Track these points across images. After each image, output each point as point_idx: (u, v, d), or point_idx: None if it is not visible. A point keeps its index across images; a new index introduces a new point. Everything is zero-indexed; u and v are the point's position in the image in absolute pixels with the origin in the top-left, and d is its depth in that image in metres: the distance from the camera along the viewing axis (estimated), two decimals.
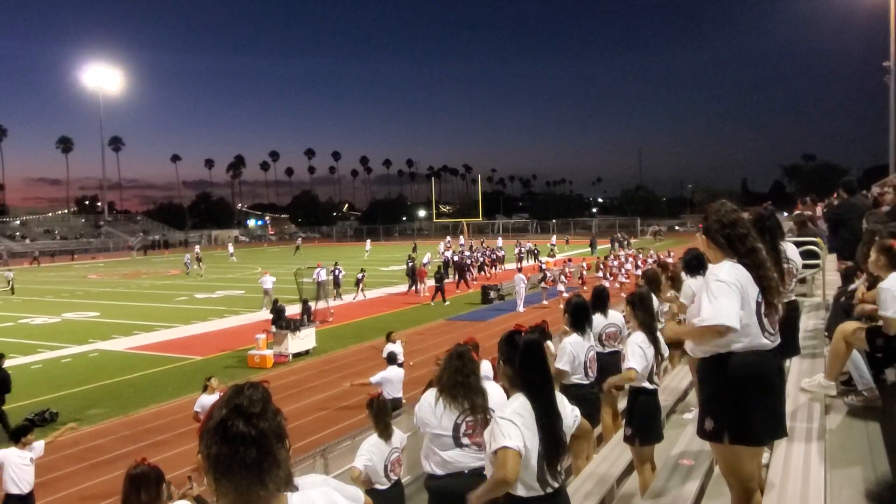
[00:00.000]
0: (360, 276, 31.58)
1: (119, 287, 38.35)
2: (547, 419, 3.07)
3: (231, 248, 58.75)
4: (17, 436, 8.15)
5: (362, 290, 31.17)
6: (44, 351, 20.34)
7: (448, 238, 57.44)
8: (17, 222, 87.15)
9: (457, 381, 4.06)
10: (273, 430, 1.69)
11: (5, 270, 43.09)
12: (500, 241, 50.21)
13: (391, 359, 12.16)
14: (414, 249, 46.06)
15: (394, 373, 11.75)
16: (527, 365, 3.11)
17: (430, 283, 31.51)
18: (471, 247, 46.60)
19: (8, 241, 75.65)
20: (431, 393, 4.49)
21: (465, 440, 3.99)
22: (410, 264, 33.26)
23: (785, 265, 4.73)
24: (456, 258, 36.82)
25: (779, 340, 3.40)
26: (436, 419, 4.41)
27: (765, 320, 3.30)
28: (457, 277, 34.14)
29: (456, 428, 4.25)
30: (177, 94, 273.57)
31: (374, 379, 11.66)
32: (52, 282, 42.64)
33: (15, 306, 30.78)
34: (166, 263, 57.07)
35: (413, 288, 31.78)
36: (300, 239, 74.26)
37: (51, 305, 30.67)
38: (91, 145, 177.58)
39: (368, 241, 64.92)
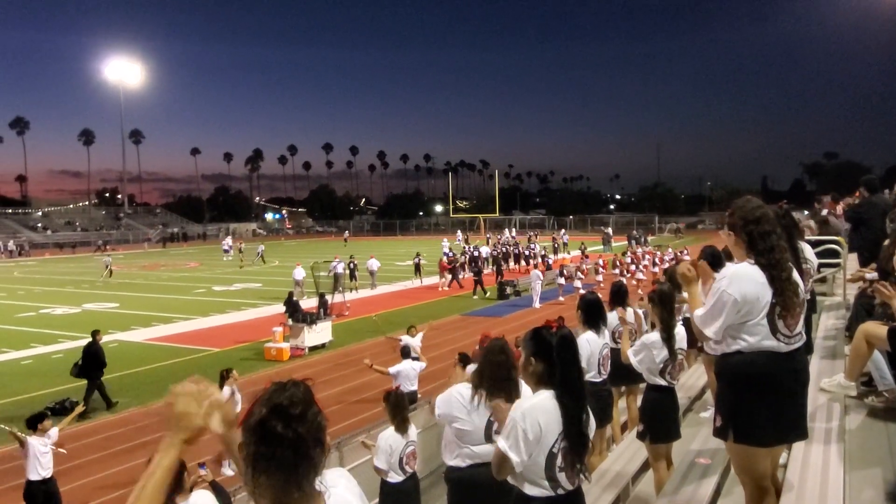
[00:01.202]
0: (417, 260, 34.22)
1: (138, 279, 38.72)
2: (576, 416, 3.03)
3: (227, 244, 56.31)
4: (35, 423, 8.29)
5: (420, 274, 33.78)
6: (64, 341, 20.58)
7: (514, 231, 59.90)
8: (39, 214, 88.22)
9: (500, 375, 3.99)
10: (311, 434, 1.69)
11: (104, 256, 45.74)
12: (563, 233, 51.41)
13: (405, 352, 12.24)
14: (466, 242, 47.16)
15: (408, 366, 11.82)
16: (564, 359, 3.06)
17: (446, 276, 32.00)
18: (497, 241, 47.50)
19: (30, 233, 76.67)
20: (466, 388, 4.45)
21: (497, 436, 3.98)
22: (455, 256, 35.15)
23: (804, 265, 4.67)
24: (494, 252, 38.07)
25: (799, 343, 3.35)
26: (468, 415, 4.39)
27: (778, 322, 3.25)
28: (495, 269, 34.68)
29: (489, 425, 4.23)
30: (196, 88, 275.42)
31: (392, 369, 11.81)
32: (73, 273, 43.14)
33: (37, 296, 31.18)
34: (185, 256, 57.50)
35: (454, 280, 32.13)
36: (347, 232, 78.36)
37: (71, 296, 31.04)
38: (112, 138, 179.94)
39: (459, 231, 67.93)
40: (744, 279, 3.26)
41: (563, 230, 61.75)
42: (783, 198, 5.13)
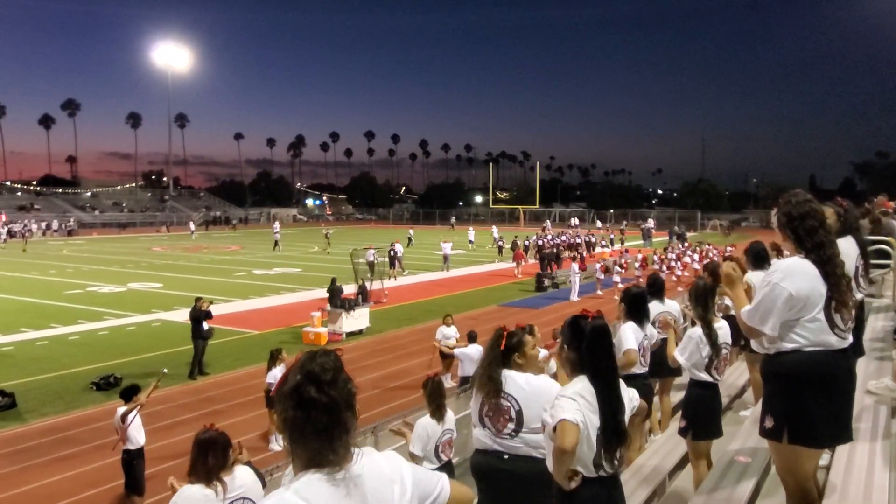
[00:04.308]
0: (500, 243, 41.88)
1: (181, 260, 39.50)
2: (609, 404, 3.09)
3: (277, 228, 57.55)
4: (130, 394, 8.48)
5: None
6: (110, 318, 21.13)
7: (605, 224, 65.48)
8: (88, 194, 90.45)
9: (485, 362, 4.11)
10: (343, 398, 1.78)
11: (274, 232, 49.02)
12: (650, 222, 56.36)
13: (471, 337, 12.74)
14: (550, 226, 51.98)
15: (474, 350, 12.20)
16: (594, 350, 3.12)
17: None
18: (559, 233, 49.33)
19: (79, 212, 78.71)
20: None
21: (487, 421, 4.01)
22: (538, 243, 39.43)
23: (861, 261, 4.50)
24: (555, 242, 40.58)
25: (850, 339, 3.28)
26: (474, 399, 4.47)
27: (835, 316, 3.18)
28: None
29: (481, 407, 4.27)
30: (240, 73, 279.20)
31: (457, 351, 12.54)
32: (119, 252, 44.21)
33: (84, 274, 32.03)
34: (227, 239, 58.49)
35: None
36: (454, 217, 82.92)
37: (117, 275, 31.81)
38: (159, 121, 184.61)
39: (548, 221, 73.21)
40: (798, 273, 3.18)
41: (650, 219, 62.64)
42: (832, 196, 4.92)
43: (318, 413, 1.72)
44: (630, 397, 3.36)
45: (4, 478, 9.81)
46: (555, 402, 3.09)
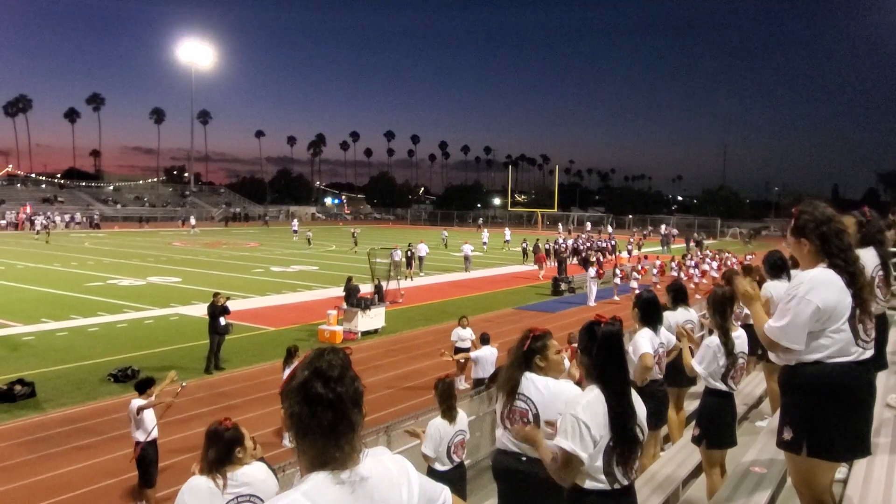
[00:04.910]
0: (524, 245, 40.83)
1: (200, 255, 39.80)
2: (620, 412, 3.04)
3: (296, 226, 57.08)
4: (145, 387, 8.56)
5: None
6: (129, 311, 21.34)
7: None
8: (111, 188, 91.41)
9: (508, 363, 4.13)
10: (349, 396, 1.78)
11: (306, 230, 50.08)
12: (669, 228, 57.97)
13: (484, 339, 12.80)
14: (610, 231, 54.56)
15: (487, 352, 12.34)
16: (603, 356, 3.09)
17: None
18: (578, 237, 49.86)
19: (101, 206, 79.56)
20: None
21: (507, 422, 4.02)
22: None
23: (880, 273, 4.43)
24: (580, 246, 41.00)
25: (872, 350, 3.23)
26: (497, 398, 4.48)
27: (858, 326, 3.13)
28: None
29: (503, 407, 4.28)
30: (262, 72, 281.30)
31: (473, 354, 12.66)
32: (140, 246, 44.64)
33: (105, 267, 32.37)
34: (246, 236, 58.86)
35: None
36: (481, 219, 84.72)
37: (137, 268, 32.13)
38: (182, 117, 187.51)
39: (560, 224, 75.09)
40: (824, 285, 3.11)
41: (662, 226, 62.36)
42: (855, 206, 4.83)
43: (324, 409, 1.72)
44: (644, 412, 3.30)
45: (23, 465, 9.94)
46: (566, 417, 3.03)
